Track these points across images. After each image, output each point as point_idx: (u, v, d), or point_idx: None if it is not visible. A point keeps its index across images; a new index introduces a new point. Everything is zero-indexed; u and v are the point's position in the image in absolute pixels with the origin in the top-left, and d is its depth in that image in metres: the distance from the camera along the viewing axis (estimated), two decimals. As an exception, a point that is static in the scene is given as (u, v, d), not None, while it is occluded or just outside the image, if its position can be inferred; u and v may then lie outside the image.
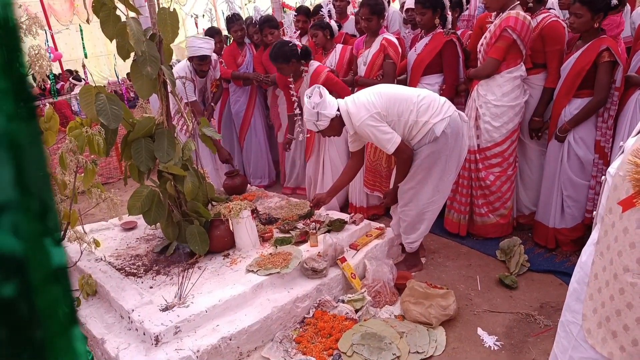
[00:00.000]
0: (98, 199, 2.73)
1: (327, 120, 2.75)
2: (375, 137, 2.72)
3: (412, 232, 3.02)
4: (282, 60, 3.64)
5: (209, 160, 4.31)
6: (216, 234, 2.92)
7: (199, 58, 3.94)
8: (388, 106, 2.71)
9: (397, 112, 2.73)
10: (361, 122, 2.69)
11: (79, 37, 8.36)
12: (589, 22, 2.82)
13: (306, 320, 2.58)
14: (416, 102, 2.74)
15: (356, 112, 2.71)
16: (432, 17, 3.39)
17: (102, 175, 5.80)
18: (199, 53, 3.91)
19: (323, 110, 2.72)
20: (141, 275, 2.78)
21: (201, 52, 3.91)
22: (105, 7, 2.45)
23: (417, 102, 2.74)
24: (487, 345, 2.42)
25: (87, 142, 2.47)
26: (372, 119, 2.68)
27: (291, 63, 3.66)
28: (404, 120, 2.74)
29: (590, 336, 1.32)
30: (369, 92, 2.80)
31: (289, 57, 3.63)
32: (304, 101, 2.84)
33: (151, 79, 2.58)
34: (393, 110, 2.72)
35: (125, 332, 2.35)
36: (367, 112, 2.68)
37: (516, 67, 3.13)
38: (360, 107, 2.71)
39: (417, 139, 2.80)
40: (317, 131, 2.88)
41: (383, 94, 2.75)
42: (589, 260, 1.35)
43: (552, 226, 3.24)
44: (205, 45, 3.95)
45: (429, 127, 2.73)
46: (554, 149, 3.17)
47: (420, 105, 2.74)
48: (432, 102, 2.76)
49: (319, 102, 2.72)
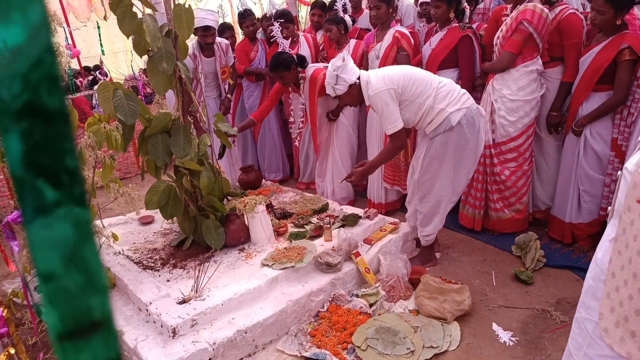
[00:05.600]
0: (116, 193, 2.79)
1: (345, 86, 2.77)
2: (382, 111, 2.74)
3: (428, 224, 3.03)
4: (284, 69, 3.75)
5: (224, 155, 4.33)
6: (232, 229, 2.95)
7: (203, 29, 3.94)
8: (406, 85, 2.72)
9: (414, 93, 2.73)
10: (376, 92, 2.71)
11: (96, 34, 8.46)
12: (611, 20, 2.75)
13: (320, 314, 2.60)
14: (436, 87, 2.75)
15: (375, 82, 2.73)
16: (446, 10, 3.36)
17: (119, 170, 5.89)
18: (203, 23, 3.91)
19: (343, 74, 2.75)
20: (158, 268, 2.83)
21: (205, 22, 3.92)
22: (122, 4, 2.48)
23: (437, 88, 2.75)
24: (502, 341, 2.41)
25: (106, 137, 2.52)
26: (387, 93, 2.69)
27: (292, 70, 3.78)
28: (420, 102, 2.74)
29: (608, 335, 1.31)
30: (392, 68, 2.85)
31: (289, 65, 3.75)
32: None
33: (167, 75, 2.61)
34: (411, 90, 2.73)
35: (144, 324, 2.40)
36: (385, 85, 2.70)
37: (532, 61, 3.09)
38: (379, 79, 2.74)
39: (432, 126, 2.79)
40: (335, 96, 2.90)
41: (405, 73, 2.76)
42: (605, 257, 1.33)
43: (568, 221, 3.20)
44: (210, 16, 3.99)
45: (445, 116, 2.73)
46: (571, 143, 3.13)
47: (439, 91, 2.74)
48: (452, 91, 2.76)
49: (340, 66, 2.75)
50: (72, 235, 0.31)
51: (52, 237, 0.31)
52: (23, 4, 0.29)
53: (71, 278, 0.31)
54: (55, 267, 0.31)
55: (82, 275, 0.32)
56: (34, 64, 0.29)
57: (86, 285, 0.32)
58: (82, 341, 0.33)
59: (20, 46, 0.29)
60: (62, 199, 0.31)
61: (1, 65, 0.29)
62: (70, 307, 0.32)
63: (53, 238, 0.31)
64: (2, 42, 0.29)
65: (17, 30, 0.29)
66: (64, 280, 0.31)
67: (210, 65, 4.22)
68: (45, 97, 0.30)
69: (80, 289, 0.32)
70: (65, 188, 0.31)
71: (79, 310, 0.32)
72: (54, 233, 0.31)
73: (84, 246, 0.32)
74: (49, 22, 0.30)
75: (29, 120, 0.30)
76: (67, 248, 0.31)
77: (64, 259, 0.31)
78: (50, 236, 0.31)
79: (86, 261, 0.32)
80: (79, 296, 0.32)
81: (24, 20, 0.29)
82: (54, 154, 0.30)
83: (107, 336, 0.33)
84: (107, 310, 0.34)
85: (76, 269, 0.32)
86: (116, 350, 0.34)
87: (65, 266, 0.31)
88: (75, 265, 0.31)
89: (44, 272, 0.31)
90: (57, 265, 0.31)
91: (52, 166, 0.30)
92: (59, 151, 0.31)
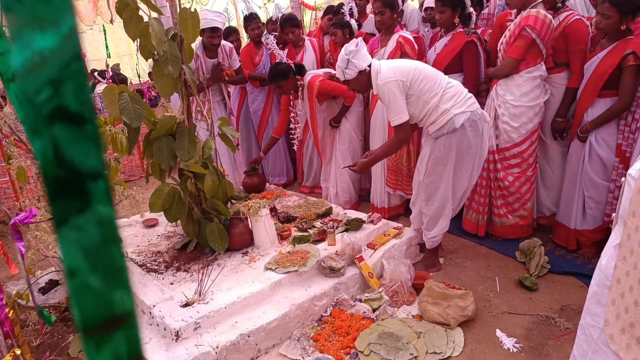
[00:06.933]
0: (121, 196, 2.80)
1: (355, 71, 2.78)
2: (388, 102, 2.75)
3: (433, 227, 3.03)
4: (282, 78, 3.83)
5: (228, 158, 4.35)
6: (235, 232, 2.96)
7: (211, 30, 3.97)
8: (415, 79, 2.73)
9: (422, 89, 2.74)
10: (385, 81, 2.72)
11: (102, 37, 8.51)
12: (616, 24, 2.75)
13: (324, 319, 2.60)
14: (443, 87, 2.76)
15: (385, 72, 2.75)
16: (451, 15, 3.36)
17: (124, 173, 5.91)
18: (211, 25, 3.93)
19: (354, 59, 2.76)
20: (162, 271, 2.84)
21: (213, 23, 3.95)
22: (128, 7, 2.50)
23: (444, 88, 2.76)
24: (506, 347, 2.40)
25: (111, 140, 2.53)
26: (395, 84, 2.70)
27: (290, 79, 3.86)
28: (426, 99, 2.75)
29: (613, 342, 1.30)
30: (404, 61, 2.88)
31: (287, 74, 3.83)
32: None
33: (172, 78, 2.62)
34: (419, 85, 2.73)
35: (147, 327, 2.40)
36: (394, 75, 2.71)
37: (536, 67, 3.09)
38: (390, 70, 2.75)
39: (436, 126, 2.80)
40: (344, 80, 2.91)
41: (416, 67, 2.77)
42: (610, 264, 1.33)
43: (573, 227, 3.19)
44: (217, 18, 4.02)
45: (449, 117, 2.73)
46: (576, 149, 3.12)
47: (446, 91, 2.75)
48: (458, 93, 2.77)
49: (352, 50, 2.76)
50: (98, 234, 0.32)
51: (79, 236, 0.32)
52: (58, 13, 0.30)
53: (95, 274, 0.33)
54: (80, 264, 0.32)
55: (106, 272, 0.33)
56: (64, 69, 0.31)
57: (110, 282, 0.33)
58: (104, 336, 0.34)
59: (52, 53, 0.30)
60: (90, 200, 0.32)
61: (32, 71, 0.30)
62: (94, 303, 0.33)
63: (81, 237, 0.32)
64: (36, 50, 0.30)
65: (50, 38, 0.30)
66: (88, 276, 0.32)
67: (213, 64, 4.23)
68: (74, 102, 0.31)
69: (104, 285, 0.33)
70: (92, 189, 0.32)
71: (102, 305, 0.33)
72: (82, 232, 0.32)
73: (109, 244, 0.33)
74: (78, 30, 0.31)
75: (59, 124, 0.31)
76: (92, 245, 0.32)
77: (90, 256, 0.32)
78: (78, 235, 0.32)
79: (111, 258, 0.33)
80: (103, 292, 0.33)
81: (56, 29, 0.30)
82: (82, 156, 0.31)
83: (129, 332, 0.35)
84: (130, 306, 0.35)
85: (101, 266, 0.33)
86: (137, 346, 0.35)
87: (90, 263, 0.32)
88: (100, 262, 0.33)
89: (69, 268, 0.32)
90: (82, 261, 0.32)
91: (80, 167, 0.31)
92: (87, 153, 0.32)
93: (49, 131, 0.30)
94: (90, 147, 0.32)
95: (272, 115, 4.96)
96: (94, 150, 0.32)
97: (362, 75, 2.80)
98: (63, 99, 0.30)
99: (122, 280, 0.33)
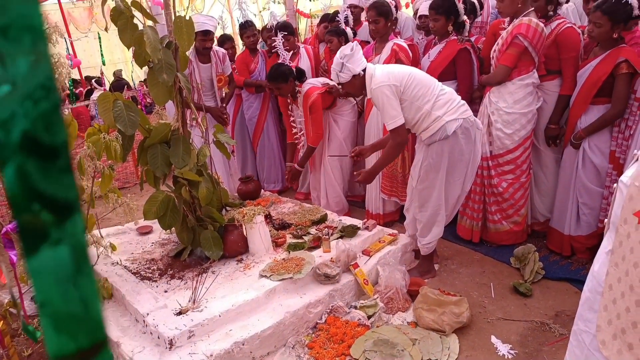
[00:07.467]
0: (115, 203, 2.79)
1: (349, 75, 2.80)
2: (383, 106, 2.76)
3: (427, 234, 3.03)
4: (282, 80, 3.81)
5: (223, 165, 4.35)
6: (230, 239, 2.95)
7: (203, 33, 3.97)
8: (409, 85, 2.74)
9: (415, 95, 2.75)
10: (378, 86, 2.74)
11: (97, 45, 8.51)
12: (608, 33, 2.78)
13: (318, 326, 2.59)
14: (436, 94, 2.77)
15: (379, 76, 2.76)
16: (445, 23, 3.39)
17: (118, 180, 5.89)
18: (203, 28, 3.94)
19: (349, 63, 2.78)
20: (156, 279, 2.82)
21: (205, 27, 3.96)
22: (123, 15, 2.51)
23: (437, 94, 2.78)
24: (501, 354, 2.40)
25: (105, 148, 2.52)
26: (388, 88, 2.72)
27: (289, 82, 3.84)
28: (418, 105, 2.77)
29: (605, 348, 1.31)
30: (398, 67, 2.91)
31: (287, 76, 3.82)
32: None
33: (167, 86, 2.63)
34: (412, 91, 2.75)
35: (140, 335, 2.38)
36: (388, 80, 2.73)
37: (528, 75, 3.11)
38: (384, 74, 2.77)
39: (429, 133, 2.81)
40: (338, 83, 2.93)
41: (410, 73, 2.79)
42: (602, 270, 1.33)
43: (567, 233, 3.20)
44: (209, 21, 4.05)
45: (442, 124, 2.75)
46: (569, 155, 3.14)
47: (439, 98, 2.77)
48: (451, 100, 2.79)
49: (347, 54, 2.78)
50: (70, 265, 0.32)
51: (50, 266, 0.32)
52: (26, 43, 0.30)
53: (67, 305, 0.32)
54: (51, 295, 0.32)
55: (77, 303, 0.33)
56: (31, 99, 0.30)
57: (82, 312, 0.33)
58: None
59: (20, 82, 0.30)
60: (62, 231, 0.32)
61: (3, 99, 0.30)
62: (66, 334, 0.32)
63: (52, 267, 0.32)
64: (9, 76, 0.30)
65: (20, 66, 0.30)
66: (60, 307, 0.32)
67: (206, 71, 4.22)
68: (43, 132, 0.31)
69: (76, 315, 0.33)
70: (62, 220, 0.32)
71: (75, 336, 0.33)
72: (54, 263, 0.32)
73: (81, 275, 0.33)
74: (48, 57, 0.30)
75: (29, 155, 0.30)
76: (64, 276, 0.32)
77: (61, 286, 0.32)
78: (49, 266, 0.31)
79: (82, 289, 0.33)
80: (75, 323, 0.33)
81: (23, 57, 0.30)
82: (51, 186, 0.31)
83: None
84: (103, 336, 0.34)
85: (72, 297, 0.32)
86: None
87: (62, 294, 0.32)
88: (71, 293, 0.32)
89: (40, 299, 0.32)
90: (54, 292, 0.32)
91: (49, 199, 0.31)
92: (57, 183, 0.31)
93: (19, 161, 0.30)
94: (62, 177, 0.31)
95: (268, 122, 4.97)
96: (67, 181, 0.31)
97: (356, 79, 2.82)
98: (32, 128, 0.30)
99: (94, 310, 0.33)
